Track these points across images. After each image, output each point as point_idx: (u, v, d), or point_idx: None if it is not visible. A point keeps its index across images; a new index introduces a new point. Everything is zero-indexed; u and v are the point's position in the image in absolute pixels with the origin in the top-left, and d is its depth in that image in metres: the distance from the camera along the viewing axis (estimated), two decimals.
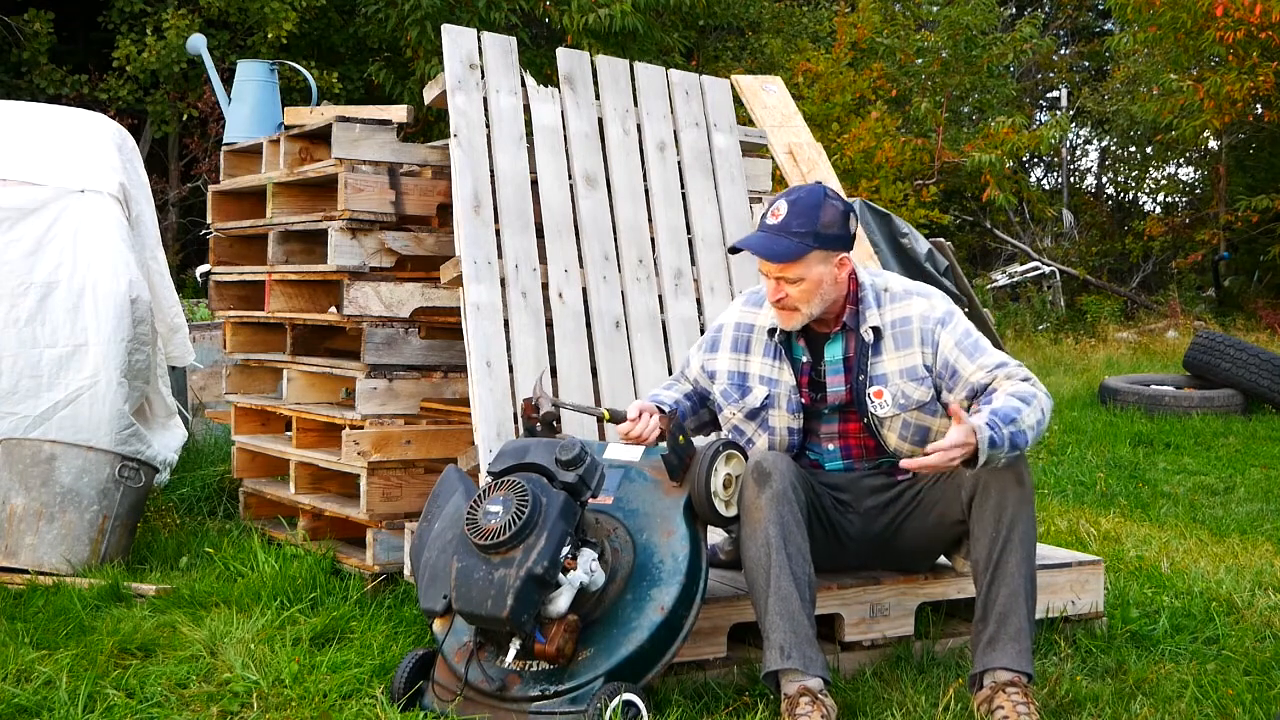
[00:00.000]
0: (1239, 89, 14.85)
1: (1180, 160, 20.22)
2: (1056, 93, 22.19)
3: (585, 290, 4.29)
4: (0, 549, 4.44)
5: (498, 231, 4.17)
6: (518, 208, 4.23)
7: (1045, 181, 23.54)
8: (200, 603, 4.01)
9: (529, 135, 4.37)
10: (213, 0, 13.61)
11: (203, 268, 9.79)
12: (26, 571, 4.38)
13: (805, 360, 3.40)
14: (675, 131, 4.68)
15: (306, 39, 15.01)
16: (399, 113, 4.78)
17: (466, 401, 4.10)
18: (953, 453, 3.01)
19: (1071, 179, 22.64)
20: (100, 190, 5.19)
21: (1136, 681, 3.39)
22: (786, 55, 17.29)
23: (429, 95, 4.41)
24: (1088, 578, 3.84)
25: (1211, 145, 18.05)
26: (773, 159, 5.35)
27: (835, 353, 3.38)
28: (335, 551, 4.47)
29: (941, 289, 8.09)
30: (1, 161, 5.18)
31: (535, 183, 4.33)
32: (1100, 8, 22.19)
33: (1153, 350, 13.36)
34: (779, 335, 3.40)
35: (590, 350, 4.24)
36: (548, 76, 8.59)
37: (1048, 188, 22.76)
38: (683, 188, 4.64)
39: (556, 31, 14.71)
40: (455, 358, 4.46)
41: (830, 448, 3.45)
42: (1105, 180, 23.01)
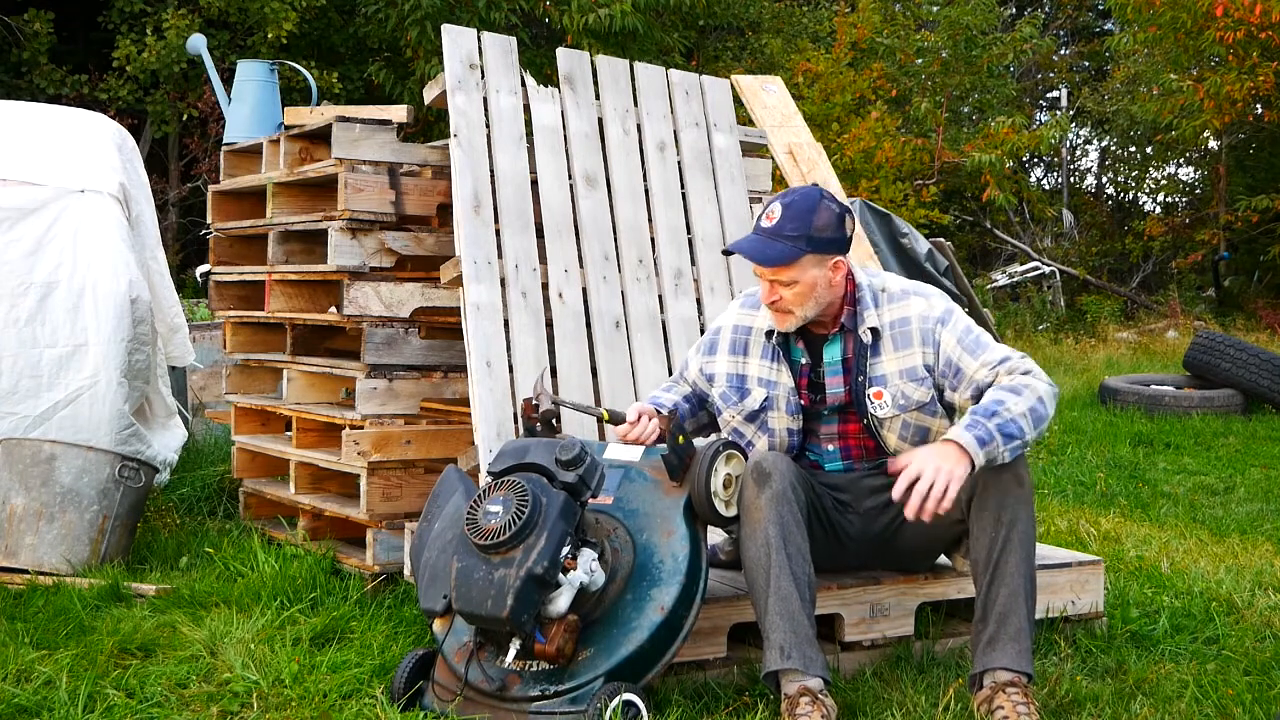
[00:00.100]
0: (1239, 89, 14.85)
1: (1180, 160, 20.22)
2: (1056, 93, 22.19)
3: (585, 290, 4.29)
4: (0, 549, 4.44)
5: (498, 231, 4.17)
6: (518, 208, 4.23)
7: (1045, 181, 23.55)
8: (200, 603, 4.01)
9: (529, 135, 4.37)
10: (213, 0, 13.61)
11: (203, 268, 9.80)
12: (26, 571, 4.38)
13: (804, 362, 3.40)
14: (675, 131, 4.68)
15: (306, 39, 15.01)
16: (399, 113, 4.78)
17: (466, 401, 4.10)
18: (923, 486, 2.99)
19: (1071, 179, 22.64)
20: (100, 190, 5.19)
21: (1136, 681, 3.39)
22: (786, 55, 17.30)
23: (429, 95, 4.41)
24: (1088, 578, 3.84)
25: (1211, 145, 18.05)
26: (773, 159, 5.35)
27: (834, 354, 3.38)
28: (335, 551, 4.47)
29: (941, 289, 8.12)
30: (1, 161, 5.18)
31: (535, 183, 4.33)
32: (1100, 8, 22.19)
33: (1153, 350, 13.35)
34: (777, 337, 3.39)
35: (590, 350, 4.24)
36: (548, 76, 8.59)
37: (1048, 188, 22.76)
38: (683, 188, 4.64)
39: (556, 31, 14.71)
40: (455, 358, 4.46)
41: (830, 448, 3.45)
42: (1105, 180, 23.02)
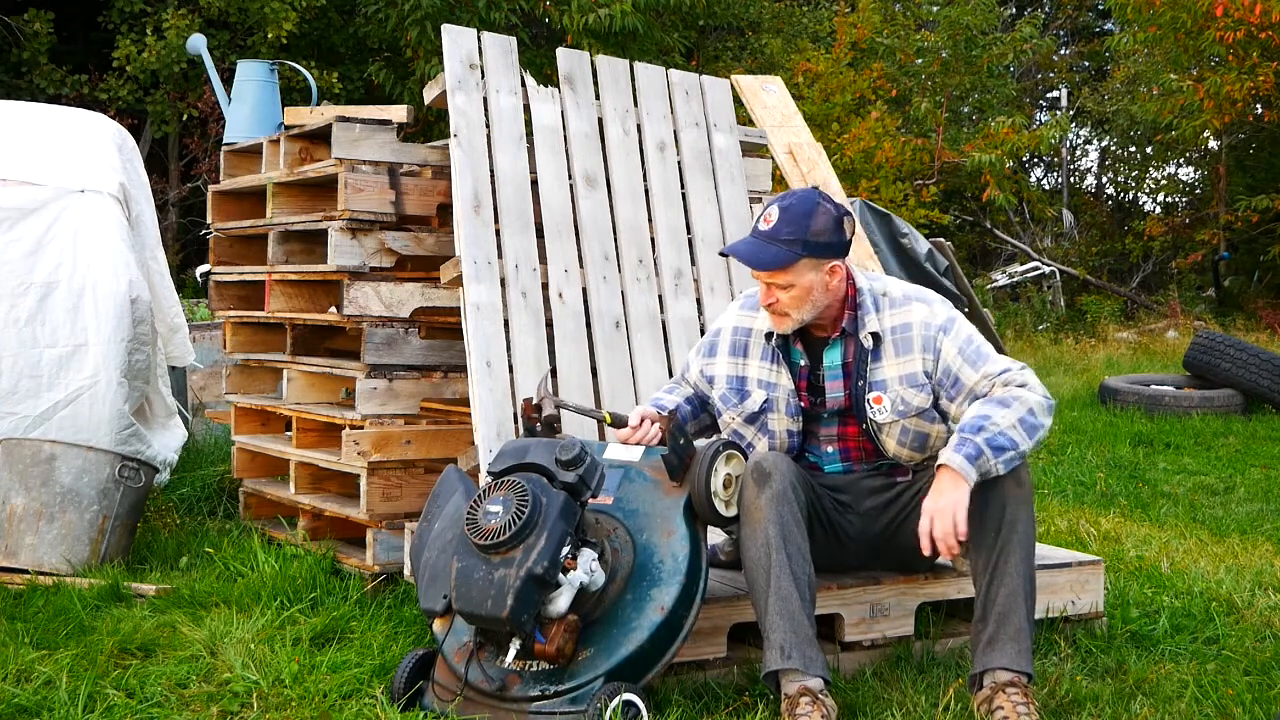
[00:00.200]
0: (1239, 89, 14.85)
1: (1180, 160, 20.22)
2: (1056, 93, 22.19)
3: (585, 290, 4.29)
4: (0, 549, 4.44)
5: (498, 231, 4.17)
6: (518, 208, 4.23)
7: (1045, 181, 23.55)
8: (200, 603, 4.01)
9: (529, 135, 4.37)
10: (213, 0, 13.61)
11: (203, 268, 9.79)
12: (26, 571, 4.38)
13: (803, 364, 3.40)
14: (675, 131, 4.68)
15: (306, 39, 15.01)
16: (399, 113, 4.78)
17: (466, 401, 4.10)
18: (937, 531, 3.03)
19: (1071, 179, 22.64)
20: (100, 190, 5.19)
21: (1136, 681, 3.39)
22: (786, 55, 17.29)
23: (429, 95, 4.41)
24: (1088, 578, 3.84)
25: (1211, 145, 18.05)
26: (773, 159, 5.35)
27: (834, 358, 3.37)
28: (335, 551, 4.46)
29: (941, 289, 8.13)
30: (1, 161, 5.18)
31: (535, 183, 4.33)
32: (1100, 8, 22.19)
33: (1153, 350, 13.36)
34: (776, 339, 3.39)
35: (590, 350, 4.24)
36: (548, 76, 8.59)
37: (1048, 188, 22.76)
38: (683, 188, 4.64)
39: (556, 31, 14.71)
40: (455, 358, 4.46)
41: (829, 450, 3.45)
42: (1105, 180, 23.01)
